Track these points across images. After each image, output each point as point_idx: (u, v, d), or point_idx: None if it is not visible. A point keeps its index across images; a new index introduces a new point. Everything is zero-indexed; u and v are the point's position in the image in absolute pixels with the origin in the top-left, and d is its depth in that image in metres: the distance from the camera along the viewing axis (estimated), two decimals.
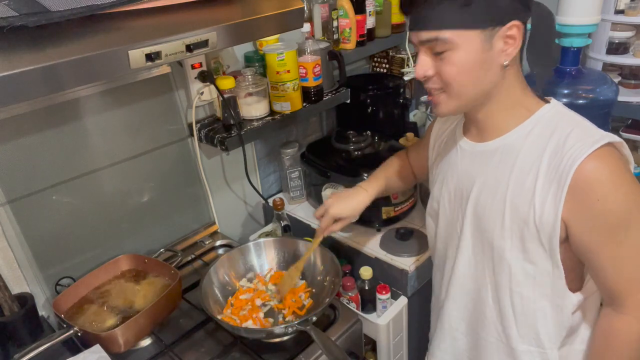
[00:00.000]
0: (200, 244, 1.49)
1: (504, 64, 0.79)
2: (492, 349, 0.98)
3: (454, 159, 0.97)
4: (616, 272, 0.81)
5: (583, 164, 0.75)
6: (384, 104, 1.74)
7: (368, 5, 1.62)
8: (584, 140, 0.77)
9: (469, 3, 0.73)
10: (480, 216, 0.91)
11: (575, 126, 0.80)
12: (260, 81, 1.34)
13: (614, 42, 1.81)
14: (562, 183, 0.77)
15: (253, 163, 1.61)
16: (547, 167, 0.80)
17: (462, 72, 0.79)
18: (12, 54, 0.66)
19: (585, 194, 0.76)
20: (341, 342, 1.13)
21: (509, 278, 0.89)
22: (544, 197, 0.80)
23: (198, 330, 1.15)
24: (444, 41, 0.76)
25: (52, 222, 1.18)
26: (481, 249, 0.93)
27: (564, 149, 0.78)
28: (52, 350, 1.01)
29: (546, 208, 0.80)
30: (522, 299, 0.90)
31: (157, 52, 0.81)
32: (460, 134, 0.96)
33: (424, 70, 0.81)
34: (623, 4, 1.71)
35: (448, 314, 1.05)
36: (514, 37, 0.77)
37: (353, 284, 1.30)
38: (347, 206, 1.12)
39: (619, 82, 1.91)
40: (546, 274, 0.86)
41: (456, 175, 0.96)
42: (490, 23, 0.75)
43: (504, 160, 0.86)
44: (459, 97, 0.82)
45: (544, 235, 0.82)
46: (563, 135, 0.79)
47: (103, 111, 1.20)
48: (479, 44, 0.76)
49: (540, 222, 0.81)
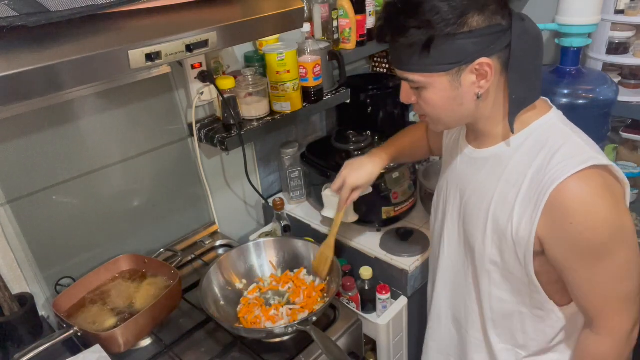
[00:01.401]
0: (200, 244, 1.49)
1: (477, 94, 0.79)
2: (475, 344, 1.01)
3: (455, 160, 0.99)
4: (591, 293, 0.81)
5: (563, 184, 0.74)
6: (384, 104, 1.74)
7: (368, 5, 1.62)
8: (569, 160, 0.75)
9: (427, 50, 0.74)
10: (466, 221, 0.93)
11: (566, 142, 0.79)
12: (260, 81, 1.34)
13: (614, 42, 1.81)
14: (540, 201, 0.77)
15: (253, 163, 1.61)
16: (529, 183, 0.79)
17: (436, 107, 0.82)
18: (12, 54, 0.66)
19: (560, 215, 0.75)
20: (341, 342, 1.13)
21: (488, 282, 0.92)
22: (521, 213, 0.80)
23: (198, 330, 1.15)
24: (414, 82, 0.80)
25: (52, 222, 1.18)
26: (464, 251, 0.97)
27: (548, 167, 0.77)
28: (52, 350, 1.00)
29: (522, 224, 0.80)
30: (500, 302, 0.92)
31: (157, 52, 0.81)
32: (463, 138, 0.97)
33: (405, 98, 0.86)
34: (623, 4, 1.71)
35: (438, 305, 1.09)
36: (484, 72, 0.76)
37: (353, 284, 1.30)
38: (363, 174, 1.14)
39: (619, 82, 1.91)
40: (522, 285, 0.87)
41: (455, 176, 0.98)
42: (452, 65, 0.76)
43: (493, 170, 0.87)
44: (440, 123, 0.87)
45: (519, 249, 0.82)
46: (551, 152, 0.78)
47: (103, 111, 1.20)
48: (446, 84, 0.78)
49: (517, 236, 0.82)
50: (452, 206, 0.99)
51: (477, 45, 0.74)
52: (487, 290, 0.93)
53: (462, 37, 0.73)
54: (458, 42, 0.73)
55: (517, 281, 0.88)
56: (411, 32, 0.74)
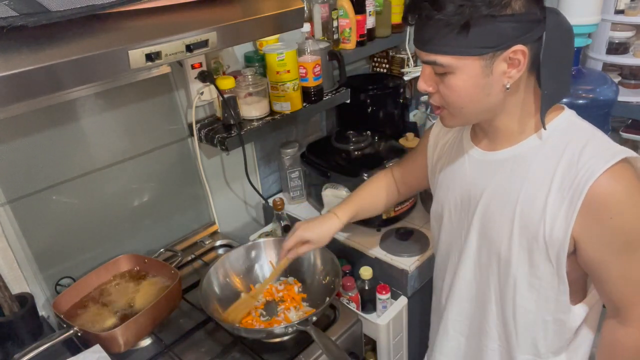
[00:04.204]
0: (200, 244, 1.49)
1: (506, 86, 0.76)
2: (493, 357, 0.98)
3: (462, 165, 0.94)
4: (624, 285, 0.80)
5: (598, 180, 0.73)
6: (384, 104, 1.74)
7: (368, 5, 1.62)
8: (599, 156, 0.75)
9: (466, 30, 0.70)
10: (488, 227, 0.89)
11: (590, 139, 0.78)
12: (260, 81, 1.34)
13: (614, 42, 1.81)
14: (576, 199, 0.75)
15: (253, 163, 1.61)
16: (560, 181, 0.77)
17: (461, 95, 0.77)
18: (12, 54, 0.66)
19: (599, 211, 0.75)
20: (341, 342, 1.13)
21: (513, 290, 0.88)
22: (555, 213, 0.78)
23: (198, 330, 1.15)
24: (443, 65, 0.75)
25: (52, 222, 1.18)
26: (487, 260, 0.91)
27: (578, 164, 0.76)
28: (52, 350, 1.00)
29: (557, 224, 0.78)
30: (525, 311, 0.89)
31: (157, 52, 0.81)
32: (469, 140, 0.93)
33: (425, 85, 0.80)
34: (623, 4, 1.71)
35: (451, 320, 1.03)
36: (518, 61, 0.74)
37: (353, 284, 1.30)
38: (315, 229, 1.08)
39: (619, 82, 1.91)
40: (550, 288, 0.85)
41: (464, 182, 0.93)
42: (489, 49, 0.72)
43: (515, 170, 0.84)
44: (460, 116, 0.81)
45: (552, 251, 0.80)
46: (577, 149, 0.77)
47: (103, 111, 1.20)
48: (478, 70, 0.74)
49: (550, 237, 0.79)
50: (466, 215, 0.93)
51: (516, 31, 0.71)
52: (511, 302, 0.89)
53: (503, 19, 0.69)
54: (498, 25, 0.70)
55: (543, 287, 0.85)
56: (451, 9, 0.69)
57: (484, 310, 0.95)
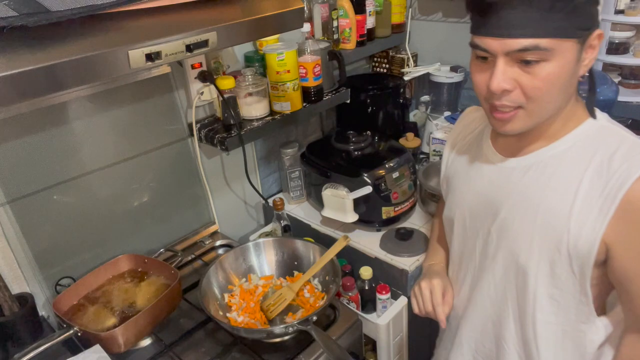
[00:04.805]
0: (200, 244, 1.49)
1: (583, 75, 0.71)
2: None
3: (479, 170, 0.90)
4: None
5: (634, 186, 0.70)
6: (384, 104, 1.74)
7: (368, 5, 1.62)
8: (632, 160, 0.71)
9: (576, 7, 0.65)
10: (507, 236, 0.85)
11: (621, 144, 0.74)
12: (260, 81, 1.34)
13: (614, 42, 1.81)
14: (609, 205, 0.72)
15: (253, 163, 1.62)
16: (588, 189, 0.74)
17: (556, 85, 0.70)
18: (12, 54, 0.66)
19: (636, 217, 0.71)
20: (341, 342, 1.13)
21: (533, 303, 0.84)
22: (582, 221, 0.74)
23: (198, 330, 1.15)
24: (541, 51, 0.67)
25: (52, 222, 1.18)
26: (504, 270, 0.87)
27: (610, 170, 0.72)
28: (52, 350, 1.00)
29: (583, 234, 0.74)
30: (545, 324, 0.85)
31: (157, 52, 0.81)
32: (489, 146, 0.89)
33: (504, 84, 0.70)
34: (623, 4, 1.71)
35: (466, 335, 0.99)
36: (595, 47, 0.70)
37: (353, 284, 1.30)
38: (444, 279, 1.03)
39: (619, 82, 1.91)
40: (571, 298, 0.81)
41: (482, 188, 0.89)
42: (584, 31, 0.67)
43: (535, 178, 0.80)
44: (539, 113, 0.74)
45: (576, 261, 0.77)
46: (607, 155, 0.73)
47: (103, 111, 1.20)
48: (574, 55, 0.69)
49: (575, 247, 0.76)
50: (482, 225, 0.89)
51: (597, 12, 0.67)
52: (531, 315, 0.85)
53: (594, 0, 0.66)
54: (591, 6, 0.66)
55: (564, 298, 0.81)
56: None
57: (503, 325, 0.91)
